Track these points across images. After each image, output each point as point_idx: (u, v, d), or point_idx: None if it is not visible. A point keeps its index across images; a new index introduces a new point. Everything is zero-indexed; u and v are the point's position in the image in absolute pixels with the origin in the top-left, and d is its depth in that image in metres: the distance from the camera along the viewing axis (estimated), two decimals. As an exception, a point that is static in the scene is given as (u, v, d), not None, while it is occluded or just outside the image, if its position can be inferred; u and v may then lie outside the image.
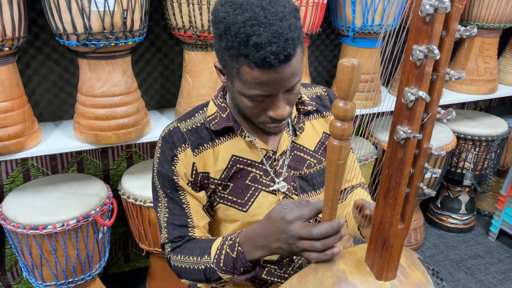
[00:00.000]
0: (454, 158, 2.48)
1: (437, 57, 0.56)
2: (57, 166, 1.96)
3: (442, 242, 2.59)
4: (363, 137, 2.26)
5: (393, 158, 0.67)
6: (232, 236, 0.89)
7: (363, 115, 2.02)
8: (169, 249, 1.00)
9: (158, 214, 1.01)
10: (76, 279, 1.69)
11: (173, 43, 1.94)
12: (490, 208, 2.85)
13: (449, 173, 2.53)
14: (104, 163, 2.04)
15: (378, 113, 2.48)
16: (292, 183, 1.00)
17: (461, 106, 2.86)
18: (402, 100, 0.62)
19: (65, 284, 1.69)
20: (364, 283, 0.73)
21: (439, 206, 2.70)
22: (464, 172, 2.48)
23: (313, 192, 1.02)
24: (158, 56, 1.94)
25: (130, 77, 1.63)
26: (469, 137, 2.38)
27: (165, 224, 0.99)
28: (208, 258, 0.91)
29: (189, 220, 0.99)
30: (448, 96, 2.30)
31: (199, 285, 1.22)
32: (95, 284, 1.87)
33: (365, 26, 1.87)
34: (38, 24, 1.71)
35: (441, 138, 2.23)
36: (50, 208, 1.62)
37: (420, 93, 0.59)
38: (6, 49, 1.41)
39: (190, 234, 0.99)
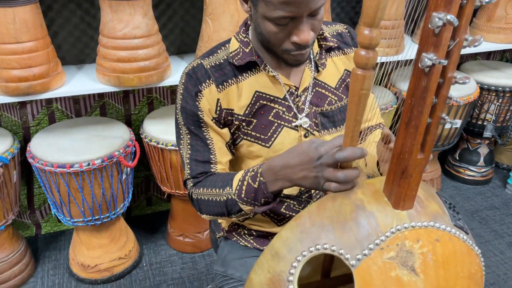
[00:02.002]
0: (476, 110, 2.44)
1: (469, -22, 0.55)
2: (81, 110, 2.01)
3: (458, 194, 2.60)
4: (385, 86, 2.24)
5: (417, 87, 0.67)
6: (254, 167, 0.90)
7: (383, 63, 1.99)
8: (191, 184, 1.03)
9: (181, 151, 1.03)
10: (102, 216, 1.78)
11: (193, -14, 1.91)
12: (509, 161, 2.82)
13: (469, 124, 2.51)
14: (126, 108, 2.07)
15: (399, 62, 2.43)
16: (314, 120, 1.01)
17: (487, 57, 2.78)
18: (429, 26, 0.61)
19: (91, 221, 1.78)
20: (381, 211, 0.76)
21: (457, 158, 2.69)
22: (485, 124, 2.44)
23: (333, 129, 1.03)
24: (178, -1, 1.92)
25: (151, 19, 1.63)
26: (493, 88, 2.32)
27: (187, 161, 1.02)
28: (230, 190, 0.92)
29: (212, 156, 1.01)
30: (474, 45, 2.24)
31: (219, 221, 1.27)
32: (120, 223, 1.96)
33: (391, -32, 1.80)
34: (58, -35, 1.70)
35: (463, 88, 2.19)
36: (76, 148, 1.68)
37: (449, 16, 0.58)
38: (29, -12, 1.42)
39: (212, 170, 1.01)
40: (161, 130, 1.84)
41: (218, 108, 0.97)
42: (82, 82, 1.70)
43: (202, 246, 2.10)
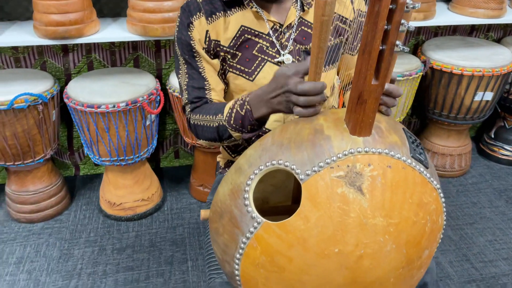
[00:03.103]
0: (514, 85, 2.34)
1: None
2: (116, 61, 2.16)
3: (489, 172, 2.52)
4: (412, 53, 2.20)
5: (371, 12, 0.70)
6: (243, 96, 0.98)
7: (414, 32, 1.96)
8: (189, 109, 1.12)
9: (179, 80, 1.13)
10: (126, 158, 1.93)
11: None
12: (551, 144, 2.68)
13: (506, 101, 2.40)
14: (157, 62, 2.20)
15: (433, 31, 2.36)
16: (297, 57, 1.06)
17: (536, 32, 2.62)
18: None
19: (117, 161, 1.93)
20: (338, 135, 0.80)
21: (493, 136, 2.60)
22: (522, 100, 2.34)
23: (318, 68, 1.08)
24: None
25: (177, -28, 1.71)
26: (533, 61, 2.21)
27: (185, 87, 1.11)
28: (221, 116, 1.01)
29: (205, 83, 1.09)
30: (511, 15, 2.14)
31: (218, 159, 1.37)
32: (144, 168, 2.11)
33: None
34: None
35: (498, 60, 2.10)
36: (105, 92, 1.83)
37: None
38: None
39: (207, 96, 1.10)
40: (185, 82, 1.95)
41: (207, 38, 1.05)
42: (114, 32, 1.83)
43: (220, 197, 2.22)
